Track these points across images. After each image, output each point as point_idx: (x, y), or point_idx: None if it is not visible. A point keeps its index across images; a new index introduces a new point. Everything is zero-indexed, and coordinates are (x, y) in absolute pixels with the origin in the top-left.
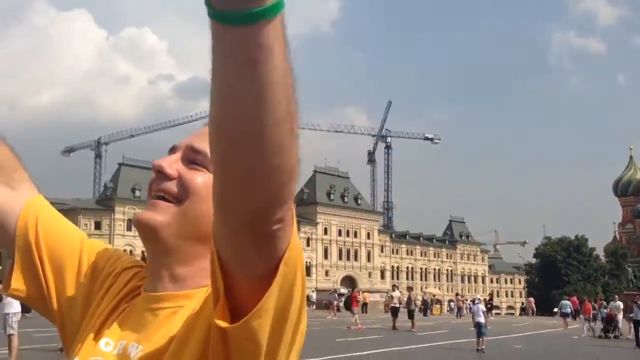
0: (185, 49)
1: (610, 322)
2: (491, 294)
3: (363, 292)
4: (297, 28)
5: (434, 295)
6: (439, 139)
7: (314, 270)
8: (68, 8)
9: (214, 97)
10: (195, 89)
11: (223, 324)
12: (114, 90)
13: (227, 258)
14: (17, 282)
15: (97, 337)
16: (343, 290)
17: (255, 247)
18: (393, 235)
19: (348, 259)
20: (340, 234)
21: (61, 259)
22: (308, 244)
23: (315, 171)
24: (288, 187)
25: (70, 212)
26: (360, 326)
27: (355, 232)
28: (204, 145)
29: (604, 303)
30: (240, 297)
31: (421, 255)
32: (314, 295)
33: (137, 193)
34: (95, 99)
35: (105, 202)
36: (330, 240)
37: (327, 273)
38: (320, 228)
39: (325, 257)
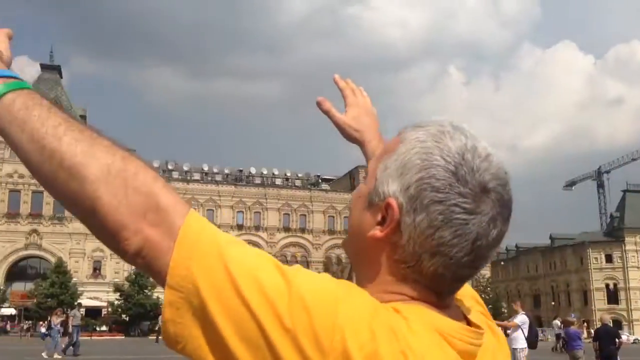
0: None
1: None
2: None
3: None
4: None
5: None
6: None
7: None
8: (552, 43)
9: None
10: None
11: None
12: (607, 115)
13: None
14: None
15: None
16: None
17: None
18: None
19: None
20: None
21: None
22: None
23: None
24: (98, 219)
25: (578, 246)
26: None
27: None
28: (373, 157)
29: None
30: None
31: None
32: None
33: None
34: (589, 128)
35: (614, 233)
36: None
37: None
38: None
39: None
